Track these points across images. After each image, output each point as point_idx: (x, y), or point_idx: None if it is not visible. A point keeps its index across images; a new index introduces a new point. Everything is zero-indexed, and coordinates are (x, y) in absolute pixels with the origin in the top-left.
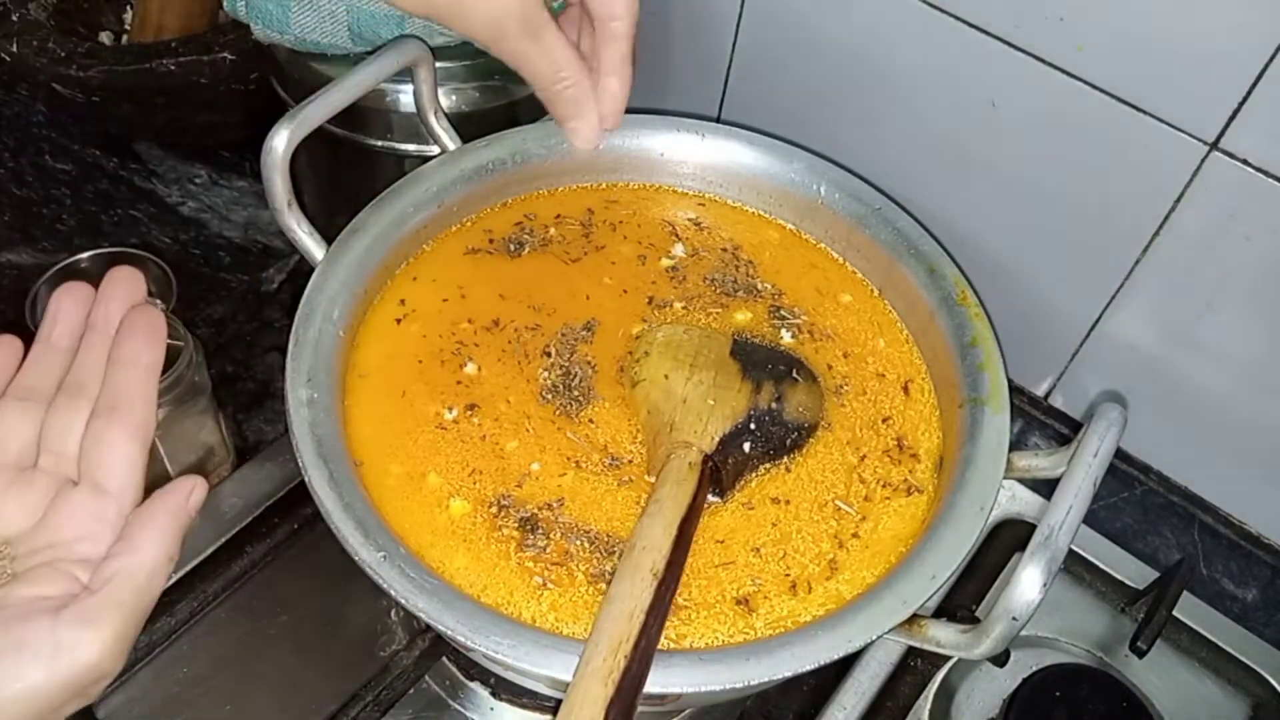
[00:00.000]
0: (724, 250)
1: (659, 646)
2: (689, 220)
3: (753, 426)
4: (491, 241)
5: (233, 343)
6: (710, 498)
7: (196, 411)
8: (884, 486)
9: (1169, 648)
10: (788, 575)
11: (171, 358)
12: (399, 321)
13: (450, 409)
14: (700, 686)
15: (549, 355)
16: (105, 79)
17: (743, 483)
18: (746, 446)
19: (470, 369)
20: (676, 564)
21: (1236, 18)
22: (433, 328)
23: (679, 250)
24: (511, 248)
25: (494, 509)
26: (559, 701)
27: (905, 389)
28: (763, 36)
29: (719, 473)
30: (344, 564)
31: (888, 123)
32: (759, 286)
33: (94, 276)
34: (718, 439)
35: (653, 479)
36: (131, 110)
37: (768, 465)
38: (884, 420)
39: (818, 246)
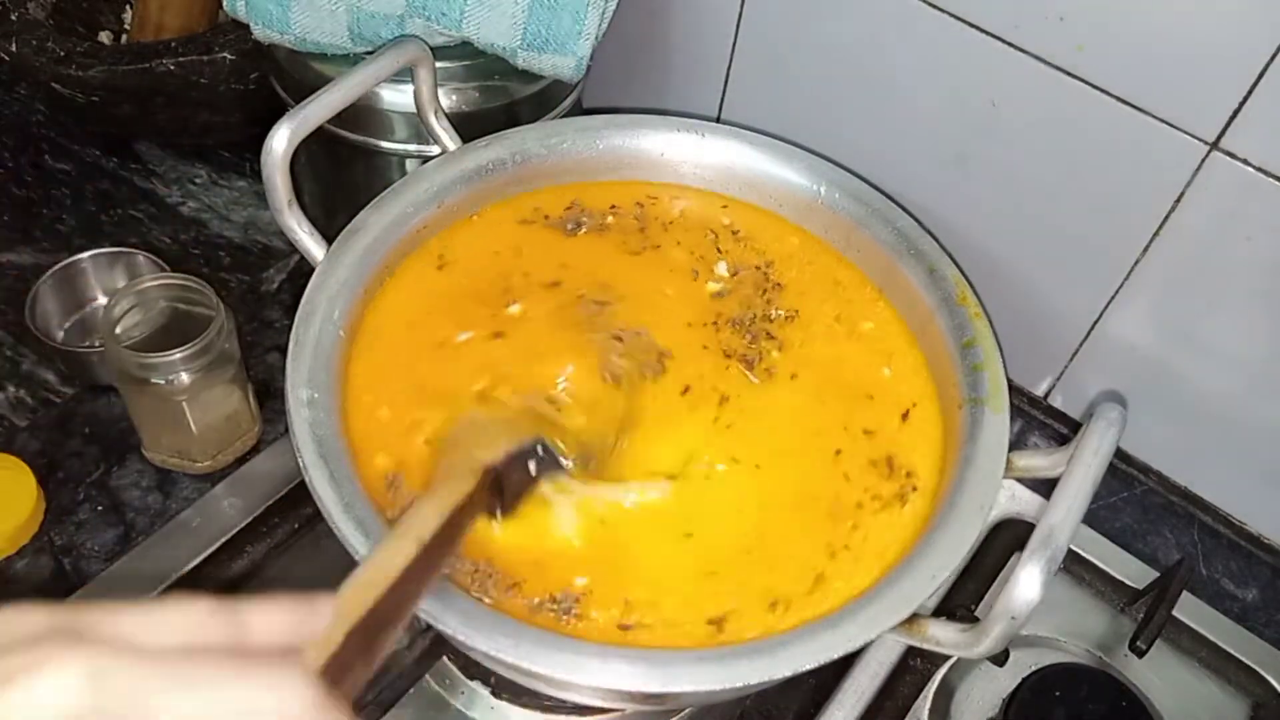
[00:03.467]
0: (758, 269)
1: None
2: (726, 227)
3: (539, 450)
4: (547, 218)
5: None
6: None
7: (225, 380)
8: (874, 499)
9: (1169, 648)
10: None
11: (202, 325)
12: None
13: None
14: (700, 686)
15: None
16: (105, 78)
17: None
18: (531, 466)
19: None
20: (443, 542)
21: (1236, 18)
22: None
23: (722, 269)
24: (569, 226)
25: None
26: (559, 701)
27: (905, 416)
28: (763, 36)
29: (500, 484)
30: (344, 564)
31: (888, 123)
32: (775, 335)
33: (94, 276)
34: (502, 454)
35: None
36: (131, 110)
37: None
38: (866, 432)
39: (844, 260)
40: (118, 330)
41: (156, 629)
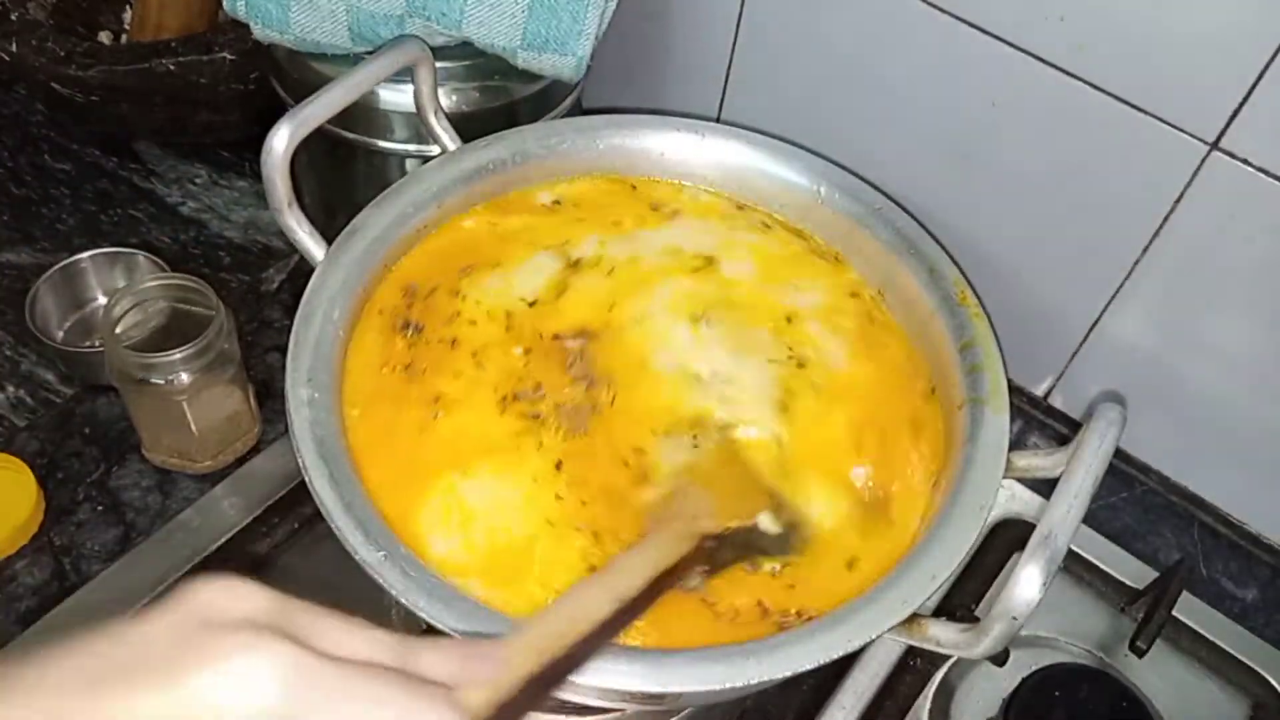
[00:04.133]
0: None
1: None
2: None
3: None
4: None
5: None
6: (693, 582)
7: (225, 380)
8: None
9: (1169, 648)
10: None
11: (202, 325)
12: None
13: None
14: (700, 686)
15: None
16: (104, 78)
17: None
18: (738, 544)
19: None
20: (640, 603)
21: (1236, 18)
22: None
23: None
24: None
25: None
26: (559, 701)
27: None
28: (763, 36)
29: (712, 554)
30: (344, 564)
31: (888, 123)
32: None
33: (94, 276)
34: (723, 526)
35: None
36: (131, 110)
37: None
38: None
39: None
40: (118, 330)
41: (352, 642)
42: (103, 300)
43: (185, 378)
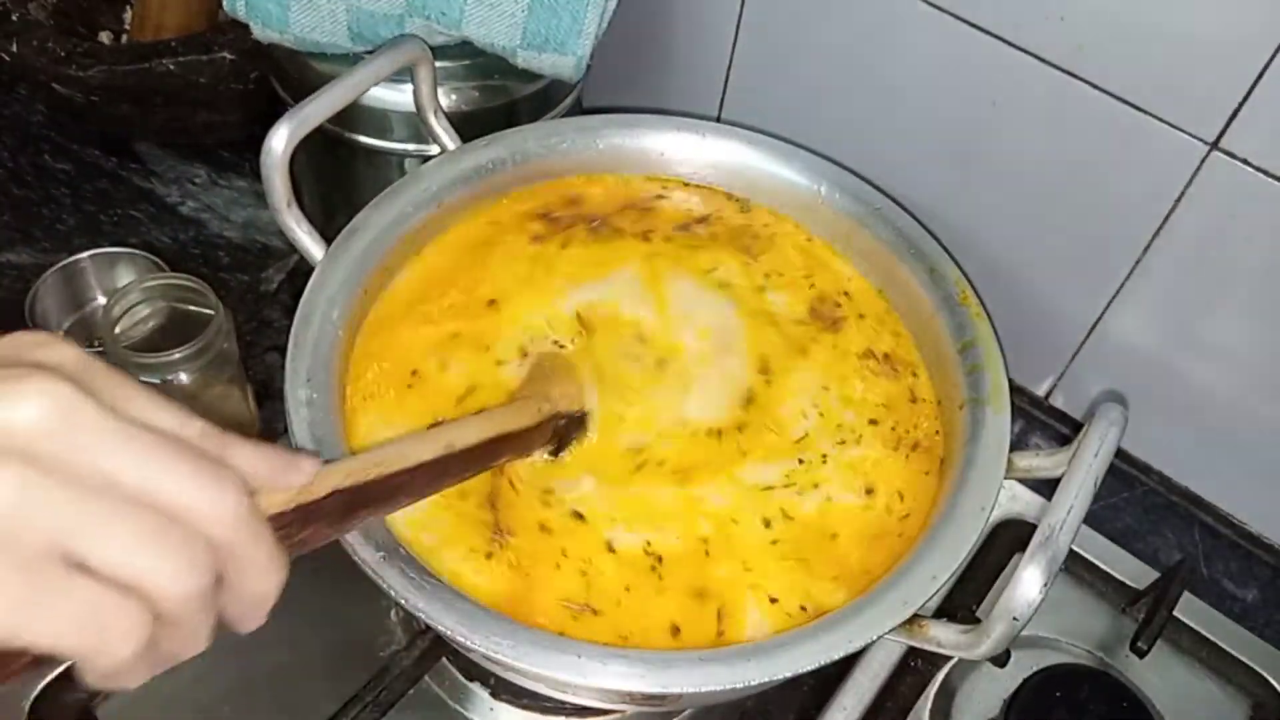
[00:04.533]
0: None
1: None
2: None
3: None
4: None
5: None
6: (544, 455)
7: (224, 380)
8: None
9: (1169, 648)
10: None
11: (202, 325)
12: None
13: None
14: (700, 686)
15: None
16: (105, 79)
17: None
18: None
19: None
20: (471, 459)
21: (1236, 18)
22: None
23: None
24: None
25: None
26: (559, 702)
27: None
28: (763, 36)
29: (562, 435)
30: (344, 564)
31: (888, 123)
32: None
33: (94, 276)
34: (572, 406)
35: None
36: (131, 110)
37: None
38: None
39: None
40: (117, 330)
41: (158, 413)
42: (102, 300)
43: (184, 378)
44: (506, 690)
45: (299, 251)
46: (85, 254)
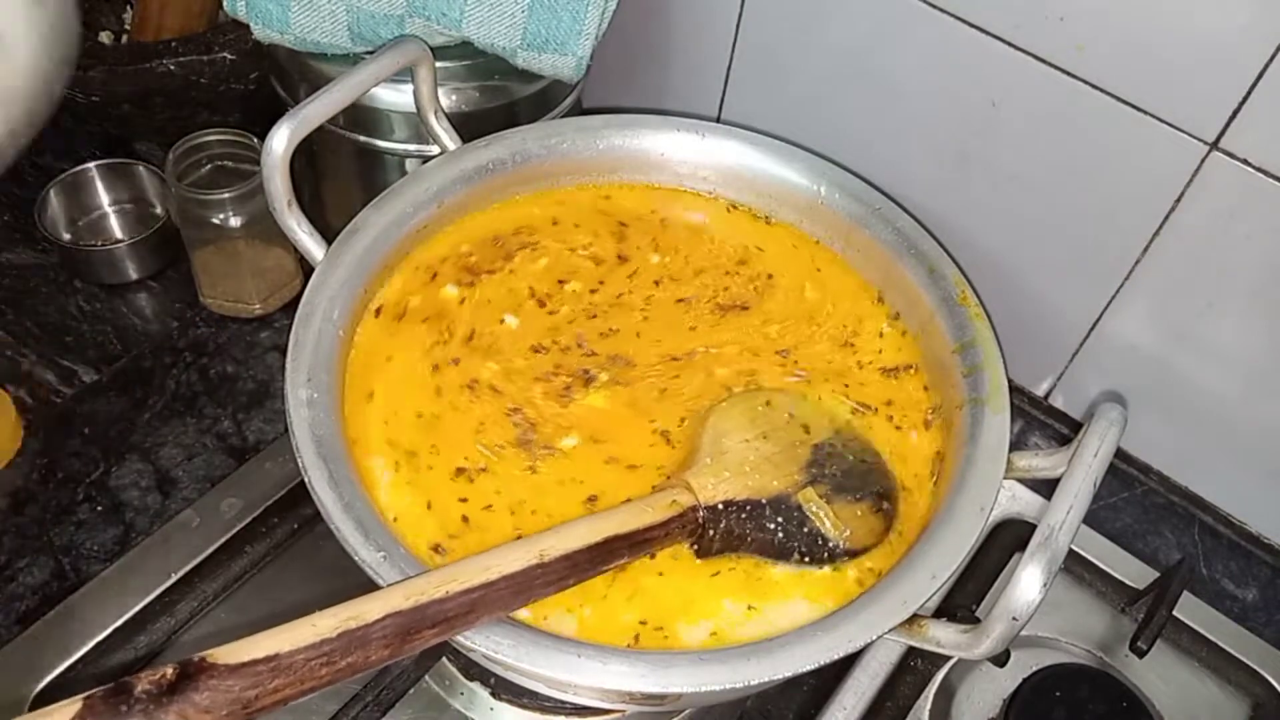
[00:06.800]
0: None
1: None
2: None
3: (769, 511)
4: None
5: (233, 342)
6: (685, 548)
7: (268, 232)
8: None
9: (1169, 648)
10: None
11: (246, 178)
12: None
13: None
14: (700, 686)
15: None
16: (105, 79)
17: (730, 558)
18: (748, 526)
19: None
20: (575, 565)
21: (1236, 18)
22: None
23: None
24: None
25: None
26: (559, 702)
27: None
28: (763, 36)
29: (704, 529)
30: (344, 564)
31: (888, 123)
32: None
33: (100, 184)
34: (721, 499)
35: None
36: (131, 110)
37: (760, 559)
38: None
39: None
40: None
41: None
42: (108, 207)
43: (234, 221)
44: (506, 690)
45: (299, 251)
46: (93, 163)
